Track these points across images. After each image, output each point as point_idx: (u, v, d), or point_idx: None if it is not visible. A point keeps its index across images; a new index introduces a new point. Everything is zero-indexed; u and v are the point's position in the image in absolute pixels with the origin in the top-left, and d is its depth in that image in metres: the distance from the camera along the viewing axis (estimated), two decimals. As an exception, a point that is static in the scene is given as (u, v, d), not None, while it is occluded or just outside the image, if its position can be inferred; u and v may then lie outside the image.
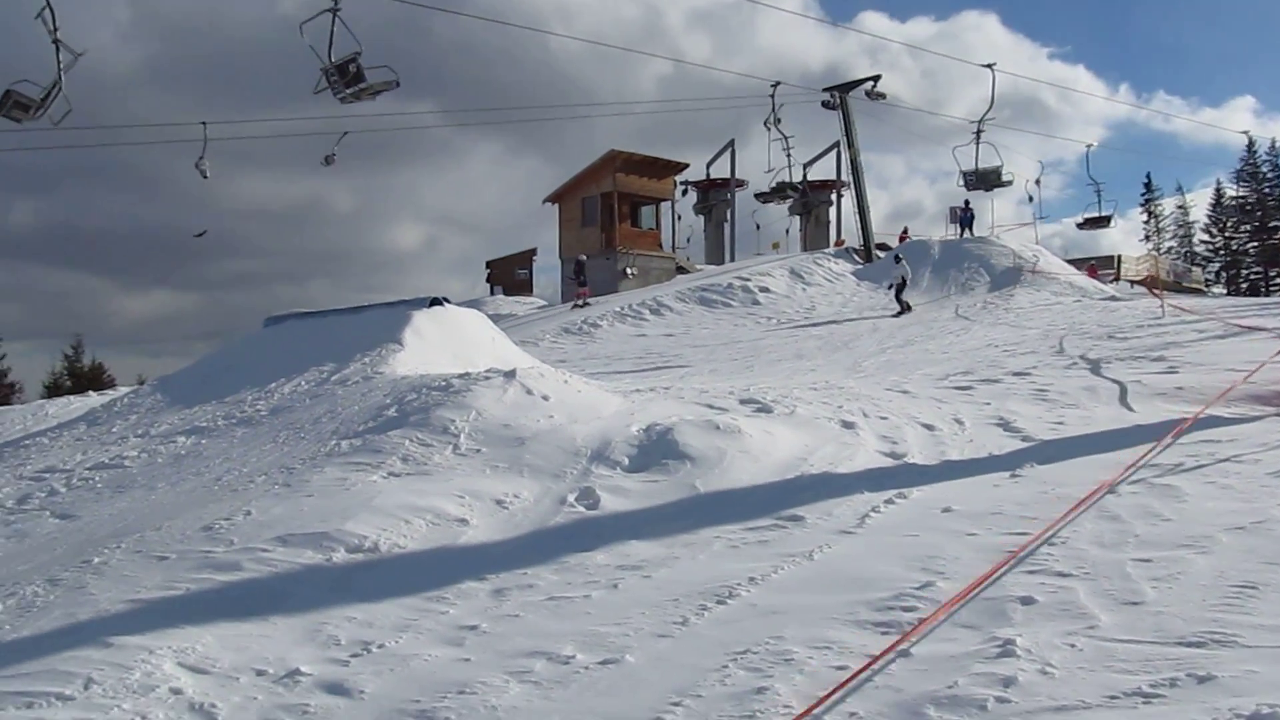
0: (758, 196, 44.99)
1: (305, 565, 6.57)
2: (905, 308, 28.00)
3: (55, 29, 15.59)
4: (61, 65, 15.81)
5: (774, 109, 37.59)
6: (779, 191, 42.03)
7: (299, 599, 6.08)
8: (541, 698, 4.76)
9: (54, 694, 4.88)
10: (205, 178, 25.22)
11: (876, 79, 40.41)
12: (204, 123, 25.34)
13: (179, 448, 10.91)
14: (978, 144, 37.66)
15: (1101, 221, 44.33)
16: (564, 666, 5.07)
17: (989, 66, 34.71)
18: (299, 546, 6.77)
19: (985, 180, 38.59)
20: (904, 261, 29.93)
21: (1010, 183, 39.19)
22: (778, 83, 34.70)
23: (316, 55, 18.90)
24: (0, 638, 5.71)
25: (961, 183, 38.71)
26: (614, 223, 40.18)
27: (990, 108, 37.68)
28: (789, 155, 39.22)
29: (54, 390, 46.35)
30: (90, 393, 24.68)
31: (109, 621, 5.74)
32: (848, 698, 4.37)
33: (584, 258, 37.36)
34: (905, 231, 44.43)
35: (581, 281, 36.21)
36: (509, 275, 52.73)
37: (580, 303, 34.98)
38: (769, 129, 37.92)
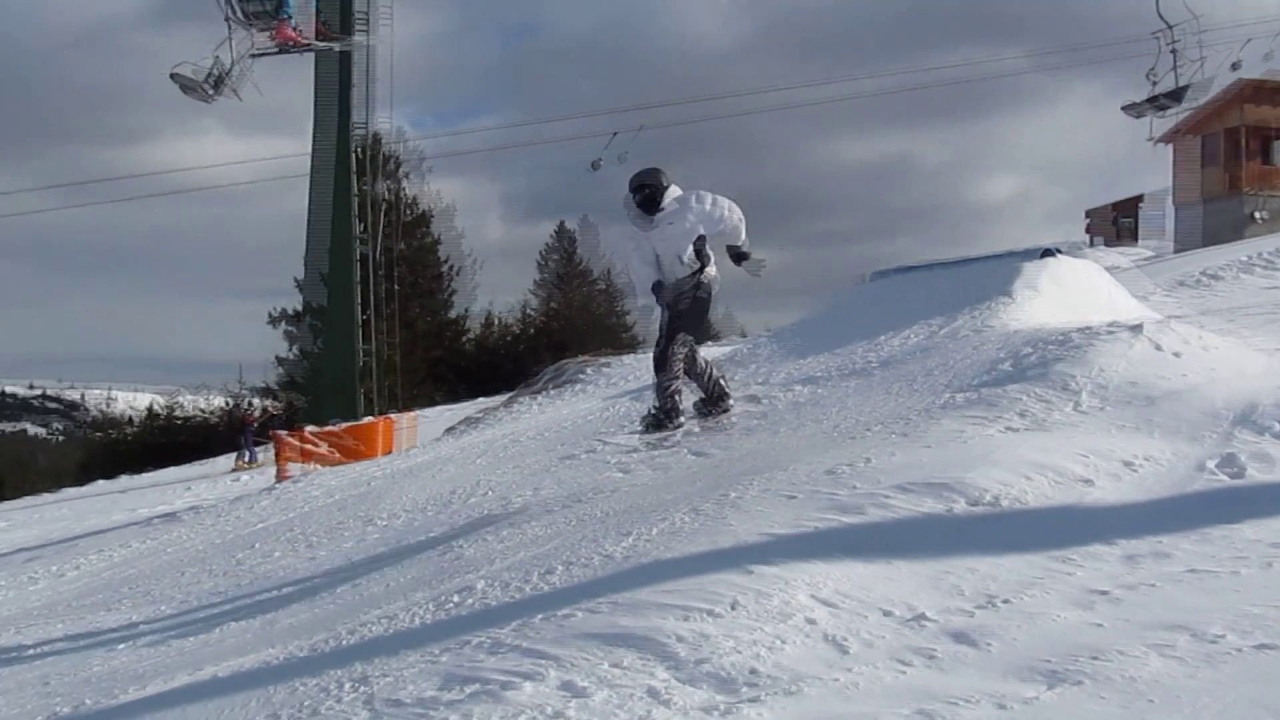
0: (1125, 109, 36.29)
1: (925, 514, 6.66)
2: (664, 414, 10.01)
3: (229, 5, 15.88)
4: (233, 44, 16.01)
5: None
6: (1153, 102, 33.45)
7: (920, 546, 6.17)
8: (1187, 676, 4.42)
9: (705, 610, 5.34)
10: None
11: None
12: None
13: (796, 395, 11.58)
14: None
15: None
16: (1212, 645, 4.66)
17: None
18: (919, 495, 6.87)
19: None
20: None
21: None
22: None
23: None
24: (657, 557, 6.37)
25: None
26: (1240, 161, 36.01)
27: None
28: (1174, 53, 30.83)
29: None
30: (709, 343, 26.91)
31: (747, 551, 6.19)
32: None
33: None
34: None
35: None
36: (1110, 224, 49.58)
37: None
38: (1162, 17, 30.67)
